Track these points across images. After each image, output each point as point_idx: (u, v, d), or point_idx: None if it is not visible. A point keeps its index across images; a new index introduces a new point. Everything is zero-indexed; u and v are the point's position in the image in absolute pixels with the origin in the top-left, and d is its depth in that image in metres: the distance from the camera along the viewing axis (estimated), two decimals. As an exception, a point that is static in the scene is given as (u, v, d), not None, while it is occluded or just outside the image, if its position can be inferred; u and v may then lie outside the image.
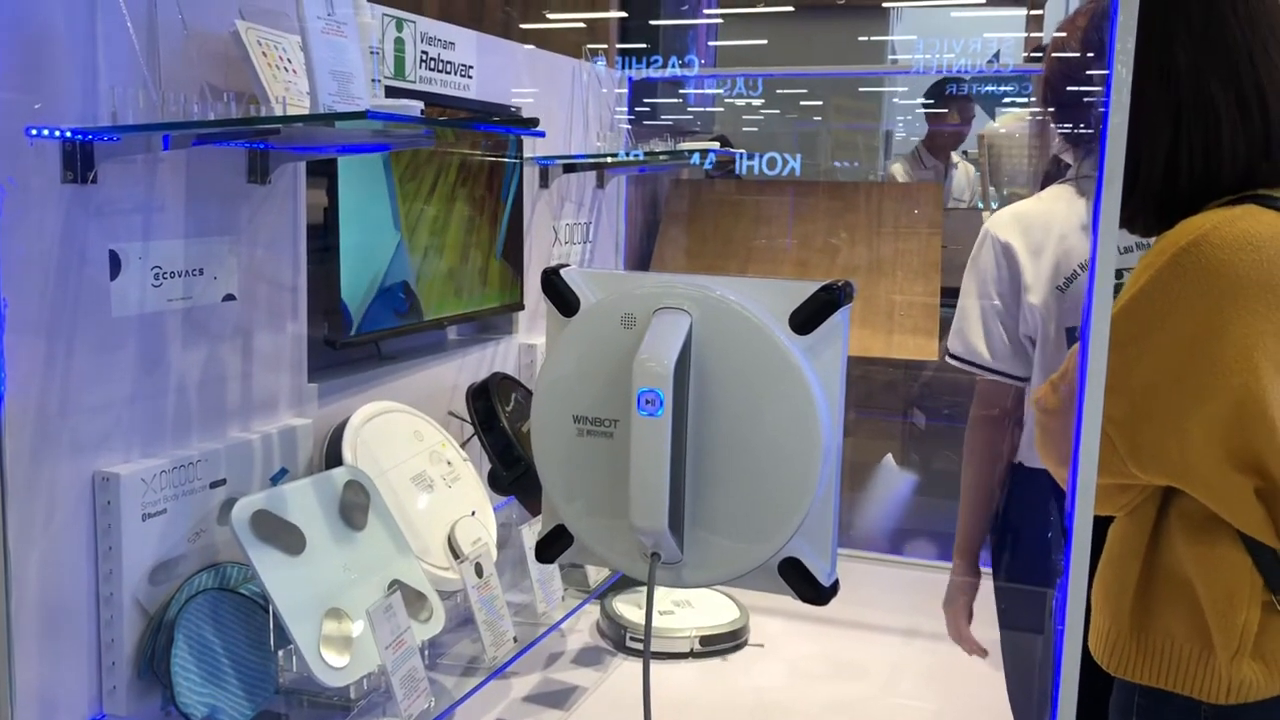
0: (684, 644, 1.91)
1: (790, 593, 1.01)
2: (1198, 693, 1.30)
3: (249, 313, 1.50)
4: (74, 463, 1.26)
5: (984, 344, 1.85)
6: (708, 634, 1.94)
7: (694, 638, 1.92)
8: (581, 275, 1.05)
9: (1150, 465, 1.28)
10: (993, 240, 1.85)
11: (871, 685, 1.87)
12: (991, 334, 1.85)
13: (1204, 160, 1.29)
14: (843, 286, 0.97)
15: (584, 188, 2.47)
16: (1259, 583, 1.27)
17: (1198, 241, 1.23)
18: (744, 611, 2.03)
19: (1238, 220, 1.23)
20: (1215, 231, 1.23)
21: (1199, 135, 1.29)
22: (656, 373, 0.95)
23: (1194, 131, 1.29)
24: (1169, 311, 1.24)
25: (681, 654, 1.90)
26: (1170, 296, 1.24)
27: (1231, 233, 1.22)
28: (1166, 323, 1.24)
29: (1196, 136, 1.29)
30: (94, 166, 1.24)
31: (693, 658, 1.90)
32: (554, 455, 1.05)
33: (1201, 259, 1.22)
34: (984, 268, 1.86)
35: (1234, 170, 1.29)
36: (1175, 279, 1.23)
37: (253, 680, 1.37)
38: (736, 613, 2.02)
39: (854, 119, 4.50)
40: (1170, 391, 1.24)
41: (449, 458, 1.77)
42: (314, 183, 1.63)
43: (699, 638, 1.93)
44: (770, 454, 0.97)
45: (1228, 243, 1.22)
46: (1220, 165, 1.29)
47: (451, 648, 1.60)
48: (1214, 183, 1.29)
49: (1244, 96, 1.28)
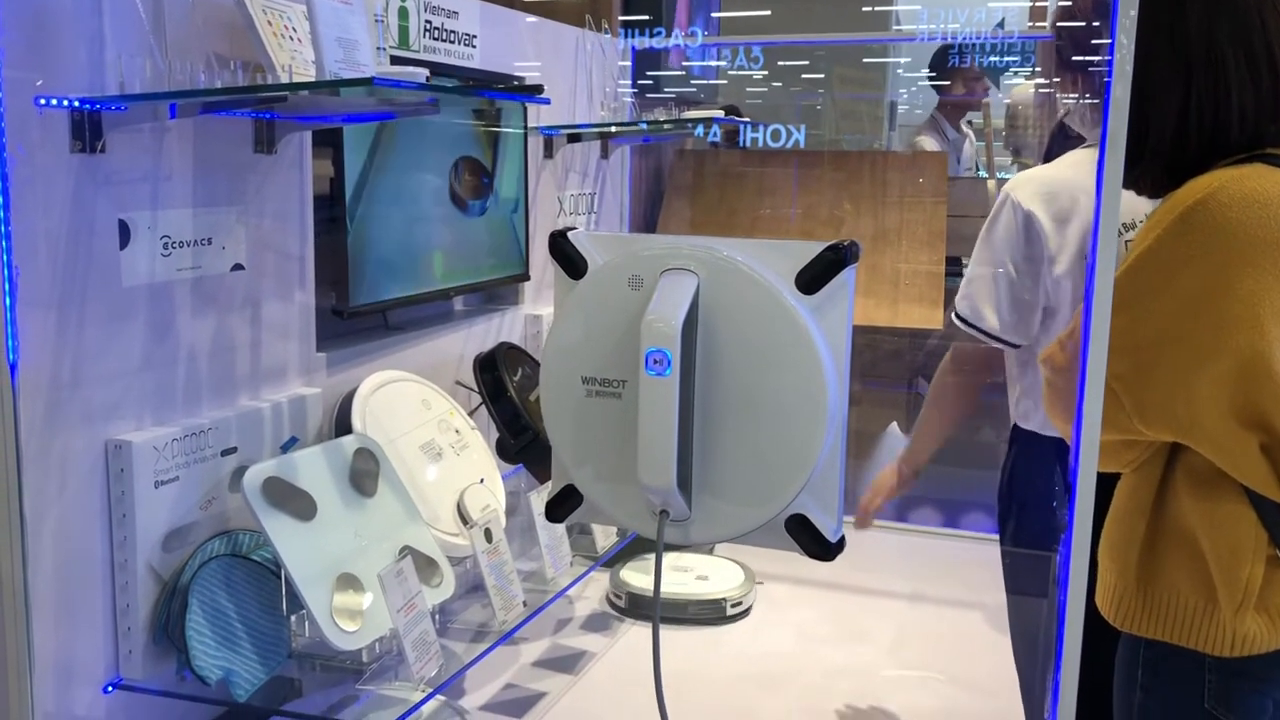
0: (690, 609, 1.92)
1: (797, 549, 1.02)
2: (1202, 646, 1.31)
3: (257, 282, 1.51)
4: (86, 431, 1.27)
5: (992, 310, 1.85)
6: (714, 599, 1.95)
7: (700, 602, 1.93)
8: (588, 238, 1.06)
9: (1156, 422, 1.29)
10: (1013, 207, 1.83)
11: (878, 650, 1.88)
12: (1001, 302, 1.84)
13: (1213, 119, 1.29)
14: (848, 246, 0.98)
15: (588, 158, 2.47)
16: (1263, 537, 1.28)
17: (1205, 200, 1.23)
18: (750, 576, 2.05)
19: (1246, 179, 1.24)
20: (1223, 190, 1.23)
21: (1209, 95, 1.29)
22: (664, 333, 0.96)
23: (1204, 91, 1.29)
24: (1176, 270, 1.24)
25: (686, 619, 1.92)
26: (1177, 255, 1.24)
27: (1239, 191, 1.23)
28: (1173, 281, 1.24)
29: (1206, 96, 1.29)
30: (102, 136, 1.25)
31: (698, 624, 1.92)
32: (563, 417, 1.06)
33: (1209, 217, 1.23)
34: (1002, 235, 1.84)
35: (1243, 130, 1.29)
36: (1182, 237, 1.24)
37: (266, 645, 1.39)
38: (743, 577, 2.05)
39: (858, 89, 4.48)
40: (1177, 349, 1.25)
41: (457, 426, 1.78)
42: (320, 153, 1.63)
43: (705, 602, 1.94)
44: (777, 412, 0.98)
45: (1235, 201, 1.22)
46: (1229, 124, 1.29)
47: (461, 613, 1.62)
48: (1223, 142, 1.30)
49: (1254, 55, 1.29)
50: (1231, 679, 1.33)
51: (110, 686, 1.32)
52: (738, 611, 1.95)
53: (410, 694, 1.41)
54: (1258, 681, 1.34)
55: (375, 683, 1.46)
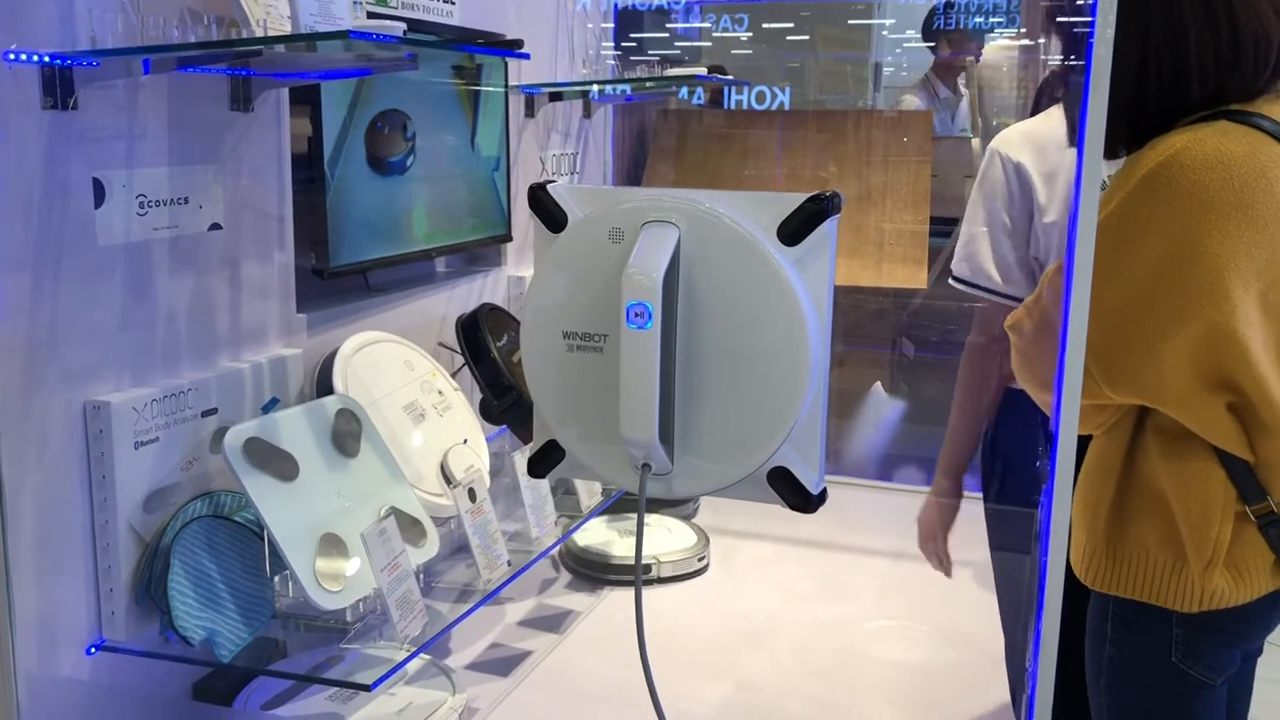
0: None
1: (779, 501, 1.02)
2: (1170, 603, 1.33)
3: (236, 242, 1.49)
4: (65, 392, 1.26)
5: (994, 266, 1.82)
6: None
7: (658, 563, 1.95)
8: (568, 191, 1.05)
9: (1124, 388, 1.29)
10: (1003, 160, 1.81)
11: (861, 605, 1.90)
12: (1003, 256, 1.82)
13: (1173, 77, 1.28)
14: (830, 197, 0.97)
15: (570, 118, 2.45)
16: (1232, 494, 1.29)
17: (1168, 163, 1.22)
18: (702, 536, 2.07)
19: (1209, 139, 1.23)
20: (1186, 151, 1.22)
21: (1169, 52, 1.28)
22: (645, 285, 0.95)
23: (1164, 48, 1.28)
24: (1140, 235, 1.23)
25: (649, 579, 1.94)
26: (1141, 219, 1.23)
27: (1202, 152, 1.22)
28: (1139, 246, 1.24)
29: (1166, 53, 1.28)
30: (74, 92, 1.23)
31: (669, 582, 1.94)
32: (545, 372, 1.05)
33: (1172, 180, 1.22)
34: (994, 188, 1.82)
35: (1203, 85, 1.28)
36: (1146, 201, 1.23)
37: (250, 605, 1.39)
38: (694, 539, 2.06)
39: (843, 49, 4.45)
40: (1143, 315, 1.24)
41: (440, 387, 1.77)
42: (298, 111, 1.61)
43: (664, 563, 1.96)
44: (759, 364, 0.97)
45: (1198, 162, 1.21)
46: (1189, 79, 1.28)
47: (446, 573, 1.62)
48: (1184, 99, 1.29)
49: (1213, 12, 1.27)
50: (1198, 633, 1.34)
51: (93, 648, 1.32)
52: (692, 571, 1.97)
53: (395, 653, 1.41)
54: (1224, 634, 1.35)
55: (360, 642, 1.46)
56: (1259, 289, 1.22)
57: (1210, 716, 1.40)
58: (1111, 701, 1.42)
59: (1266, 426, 1.27)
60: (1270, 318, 1.24)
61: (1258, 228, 1.21)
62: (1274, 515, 1.28)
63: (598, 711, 1.56)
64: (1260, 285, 1.22)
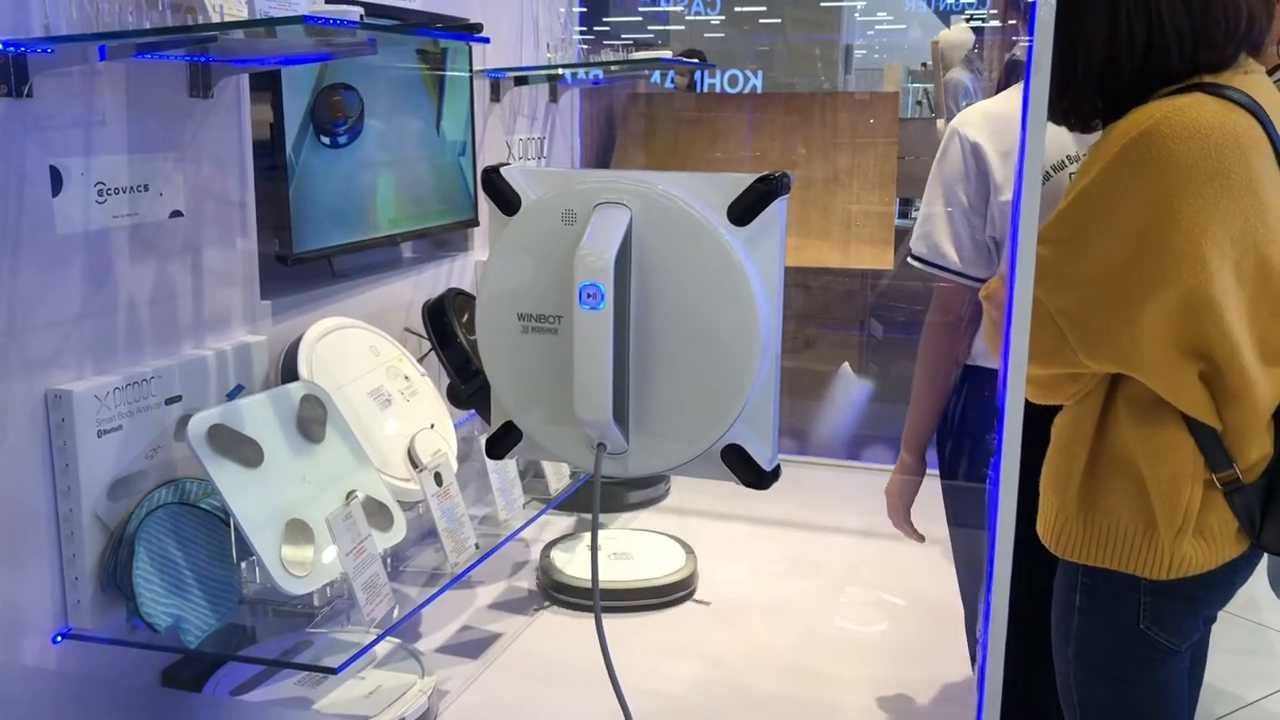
0: (628, 597, 1.80)
1: (734, 479, 1.03)
2: (1141, 570, 1.35)
3: (197, 229, 1.49)
4: (25, 381, 1.26)
5: (951, 247, 1.83)
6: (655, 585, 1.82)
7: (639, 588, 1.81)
8: (522, 173, 1.05)
9: (1101, 355, 1.30)
10: (961, 140, 1.82)
11: (829, 581, 1.92)
12: (960, 236, 1.83)
13: (1146, 42, 1.30)
14: (779, 177, 0.98)
15: (537, 102, 2.46)
16: (1201, 462, 1.31)
17: (1148, 132, 1.24)
18: (692, 558, 1.92)
19: (1187, 109, 1.24)
20: (1165, 121, 1.24)
21: (1141, 23, 1.30)
22: (597, 267, 0.96)
23: (1135, 19, 1.30)
24: (1119, 203, 1.25)
25: (626, 607, 1.79)
26: (1120, 188, 1.25)
27: (1181, 122, 1.23)
28: (1117, 214, 1.25)
29: (1138, 24, 1.30)
30: (29, 79, 1.23)
31: (638, 611, 1.79)
32: (500, 354, 1.06)
33: (1151, 149, 1.23)
34: (952, 168, 1.83)
35: (1181, 53, 1.29)
36: (1125, 170, 1.25)
37: (216, 591, 1.39)
38: (683, 560, 1.90)
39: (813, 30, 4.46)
40: (1121, 283, 1.26)
41: (406, 373, 1.78)
42: (259, 98, 1.61)
43: (645, 589, 1.81)
44: (711, 342, 0.99)
45: (1177, 132, 1.23)
46: (1166, 47, 1.29)
47: (414, 558, 1.63)
48: (1162, 65, 1.30)
49: None
50: (1165, 600, 1.37)
51: (59, 636, 1.32)
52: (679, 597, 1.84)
53: (362, 637, 1.42)
54: (1190, 601, 1.38)
55: (327, 626, 1.47)
56: (1233, 257, 1.24)
57: (1175, 682, 1.42)
58: (1079, 669, 1.44)
59: (1235, 394, 1.29)
60: (1242, 286, 1.26)
61: (1232, 197, 1.23)
62: (1239, 483, 1.31)
63: (568, 693, 1.58)
64: (1234, 254, 1.24)
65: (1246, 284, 1.27)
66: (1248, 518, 1.32)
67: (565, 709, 1.54)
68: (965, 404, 1.91)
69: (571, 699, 1.56)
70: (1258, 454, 1.31)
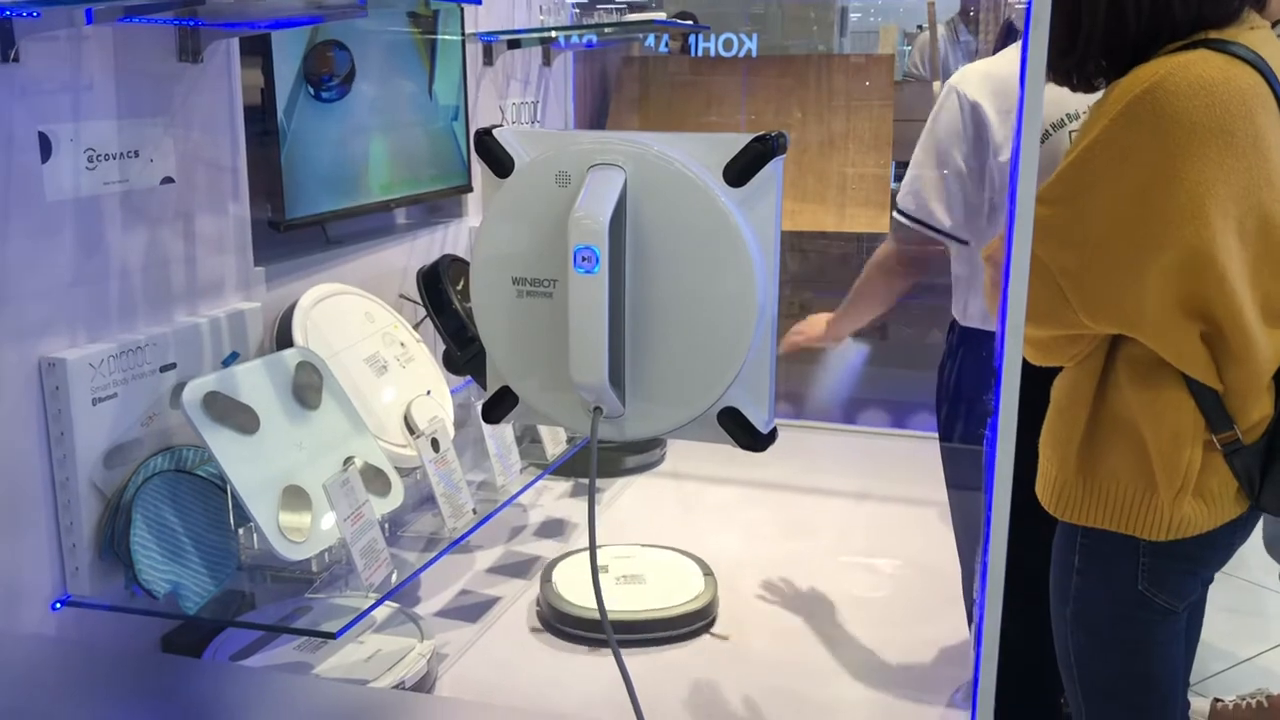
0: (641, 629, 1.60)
1: (730, 441, 1.03)
2: (1140, 531, 1.35)
3: (189, 195, 1.48)
4: (18, 349, 1.26)
5: (942, 207, 1.82)
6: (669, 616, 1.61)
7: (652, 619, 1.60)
8: (515, 135, 1.04)
9: (1103, 316, 1.30)
10: (960, 98, 1.79)
11: (824, 544, 1.92)
12: (952, 196, 1.80)
13: (1151, 3, 1.28)
14: (775, 137, 0.97)
15: (530, 65, 2.43)
16: (1201, 423, 1.31)
17: (1152, 89, 1.23)
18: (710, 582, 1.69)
19: (1191, 65, 1.23)
20: (1170, 78, 1.23)
21: None
22: (592, 229, 0.95)
23: None
24: (1123, 161, 1.24)
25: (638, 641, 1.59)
26: (1123, 146, 1.24)
27: (1185, 79, 1.22)
28: (1120, 172, 1.24)
29: None
30: (15, 44, 1.21)
31: (652, 644, 1.59)
32: (495, 318, 1.06)
33: (1155, 107, 1.22)
34: (948, 127, 1.80)
35: (1185, 12, 1.28)
36: (1129, 127, 1.24)
37: (214, 558, 1.40)
38: (701, 586, 1.68)
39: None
40: (1124, 242, 1.25)
41: (402, 339, 1.77)
42: (250, 62, 1.60)
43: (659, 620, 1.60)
44: (707, 305, 0.98)
45: (1181, 90, 1.22)
46: (1170, 7, 1.28)
47: (413, 523, 1.63)
48: (1167, 25, 1.29)
49: None
50: (1164, 561, 1.37)
51: (58, 603, 1.32)
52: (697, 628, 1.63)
53: (361, 602, 1.43)
54: (1189, 562, 1.38)
55: (326, 592, 1.47)
56: (1236, 215, 1.24)
57: (1172, 642, 1.43)
58: (1077, 630, 1.45)
59: (1236, 355, 1.29)
60: (1245, 245, 1.26)
61: (1236, 155, 1.22)
62: (1239, 444, 1.31)
63: (568, 657, 1.58)
64: (1237, 212, 1.23)
65: (1249, 244, 1.26)
66: (1247, 479, 1.32)
67: (564, 671, 1.55)
68: (961, 367, 1.91)
69: (570, 662, 1.57)
70: (1258, 415, 1.31)
